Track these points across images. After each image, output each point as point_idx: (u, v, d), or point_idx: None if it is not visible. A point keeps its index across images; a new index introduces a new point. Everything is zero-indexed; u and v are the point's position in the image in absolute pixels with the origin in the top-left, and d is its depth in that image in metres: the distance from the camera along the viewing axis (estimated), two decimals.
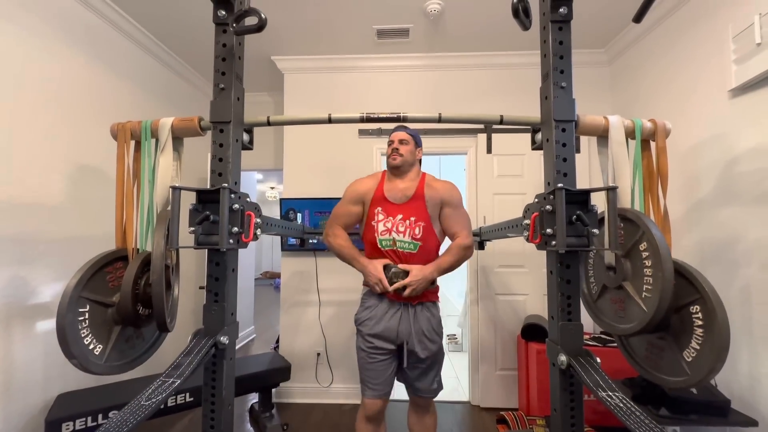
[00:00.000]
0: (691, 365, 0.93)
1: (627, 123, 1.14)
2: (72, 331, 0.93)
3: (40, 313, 1.71)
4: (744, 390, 1.64)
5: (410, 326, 1.48)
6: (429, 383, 1.55)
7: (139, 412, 0.77)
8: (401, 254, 1.49)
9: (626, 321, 1.01)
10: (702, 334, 0.92)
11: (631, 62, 2.45)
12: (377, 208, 1.54)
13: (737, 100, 1.69)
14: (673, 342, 0.97)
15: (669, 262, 0.90)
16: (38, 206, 1.71)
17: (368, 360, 1.51)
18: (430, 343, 1.50)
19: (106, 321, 1.03)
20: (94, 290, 1.01)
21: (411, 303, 1.50)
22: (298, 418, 2.45)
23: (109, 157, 2.10)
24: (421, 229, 1.50)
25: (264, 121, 1.22)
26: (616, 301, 1.06)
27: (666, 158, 1.13)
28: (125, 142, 1.16)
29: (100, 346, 1.00)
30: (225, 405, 1.06)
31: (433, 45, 2.62)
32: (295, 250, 2.74)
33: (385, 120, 1.22)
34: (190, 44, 2.56)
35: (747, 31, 1.59)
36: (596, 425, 2.02)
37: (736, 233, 1.68)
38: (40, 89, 1.74)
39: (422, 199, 1.52)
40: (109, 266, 1.06)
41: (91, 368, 0.96)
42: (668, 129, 1.16)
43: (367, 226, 1.56)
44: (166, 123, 1.15)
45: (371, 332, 1.49)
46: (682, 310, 0.96)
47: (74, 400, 1.72)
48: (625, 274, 1.02)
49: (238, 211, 1.07)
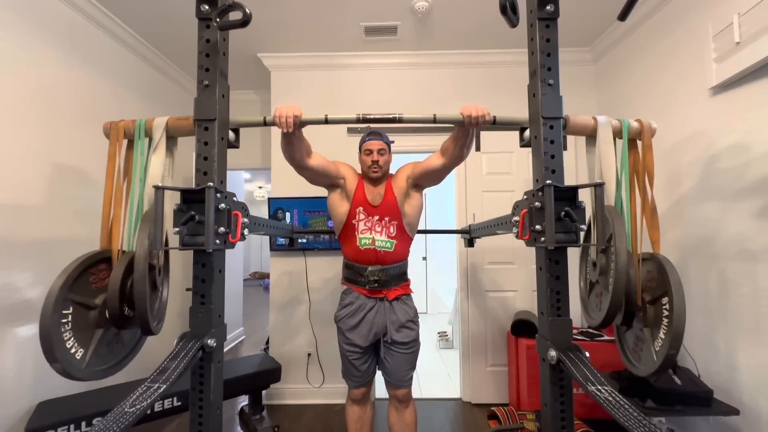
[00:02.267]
0: (658, 354, 0.97)
1: (614, 123, 1.17)
2: (56, 334, 0.90)
3: (17, 319, 1.65)
4: (725, 380, 1.68)
5: (386, 318, 1.57)
6: (406, 371, 1.60)
7: (123, 420, 0.74)
8: (379, 252, 1.55)
9: (600, 312, 1.05)
10: (667, 324, 0.96)
11: (616, 60, 2.49)
12: (359, 208, 1.58)
13: (718, 98, 1.73)
14: (650, 333, 1.02)
15: (623, 255, 0.94)
16: (14, 207, 1.65)
17: (349, 356, 1.60)
18: (407, 330, 1.59)
19: (89, 324, 1.00)
20: (79, 292, 0.98)
21: (387, 298, 1.58)
22: (289, 419, 2.43)
23: (89, 157, 2.06)
24: (395, 228, 1.58)
25: (260, 121, 1.19)
26: (598, 294, 1.10)
27: (652, 156, 1.16)
28: (117, 141, 1.13)
29: (81, 350, 0.97)
30: (213, 409, 1.04)
31: (422, 43, 2.61)
32: (284, 250, 2.70)
33: (381, 121, 1.20)
34: (174, 41, 2.50)
35: (726, 30, 1.62)
36: (584, 418, 2.05)
37: (716, 228, 1.72)
38: (15, 86, 1.67)
39: (392, 196, 1.58)
40: (93, 267, 1.03)
41: (73, 373, 0.93)
42: (653, 128, 1.19)
43: (346, 225, 1.60)
44: (161, 122, 1.13)
45: (350, 329, 1.58)
46: (656, 302, 1.00)
47: (55, 408, 1.67)
48: (601, 269, 1.07)
49: (224, 211, 1.04)
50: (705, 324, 1.78)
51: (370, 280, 1.55)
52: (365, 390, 1.66)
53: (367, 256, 1.56)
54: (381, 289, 1.58)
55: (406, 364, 1.61)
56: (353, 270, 1.61)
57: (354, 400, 1.66)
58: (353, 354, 1.59)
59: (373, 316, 1.57)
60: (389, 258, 1.57)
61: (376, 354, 1.64)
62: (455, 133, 1.37)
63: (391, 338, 1.56)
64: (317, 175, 1.53)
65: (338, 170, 1.58)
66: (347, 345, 1.60)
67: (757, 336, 1.55)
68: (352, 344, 1.58)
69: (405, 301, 1.63)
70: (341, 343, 1.63)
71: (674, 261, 1.96)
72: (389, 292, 1.58)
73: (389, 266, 1.57)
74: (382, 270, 1.55)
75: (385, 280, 1.56)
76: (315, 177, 1.55)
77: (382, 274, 1.56)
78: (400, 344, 1.57)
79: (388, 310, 1.58)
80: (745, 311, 1.60)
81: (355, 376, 1.62)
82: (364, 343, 1.57)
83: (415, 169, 1.58)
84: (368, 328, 1.57)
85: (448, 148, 1.45)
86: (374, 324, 1.57)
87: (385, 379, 1.64)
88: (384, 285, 1.57)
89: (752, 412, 1.56)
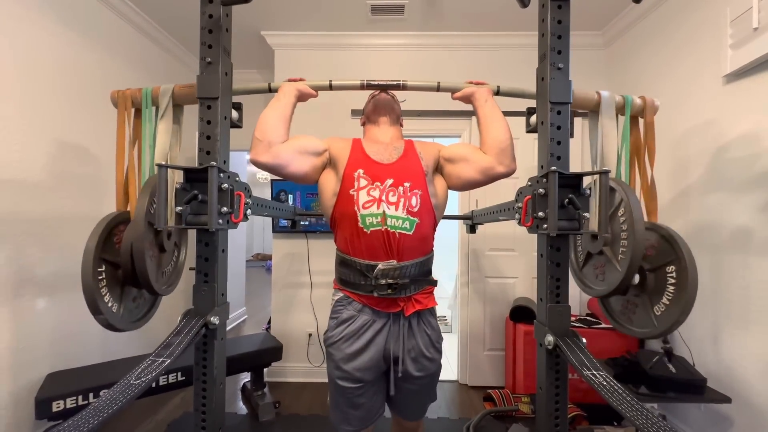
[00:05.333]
0: (659, 318, 1.01)
1: (618, 99, 1.17)
2: (96, 290, 0.97)
3: (25, 293, 1.68)
4: (721, 369, 1.71)
5: (402, 344, 1.09)
6: (421, 405, 1.23)
7: (129, 391, 0.77)
8: (393, 237, 1.04)
9: (605, 284, 1.07)
10: (673, 291, 0.99)
11: (628, 46, 2.43)
12: (357, 171, 1.08)
13: (731, 86, 1.69)
14: (647, 299, 1.05)
15: (641, 223, 0.97)
16: (19, 183, 1.66)
17: (346, 393, 1.09)
18: (428, 362, 1.13)
19: (118, 281, 1.05)
20: (107, 251, 1.03)
21: (404, 314, 1.09)
22: (290, 396, 2.50)
23: (92, 135, 2.05)
24: (418, 200, 1.07)
25: (264, 87, 1.21)
26: (597, 266, 1.12)
27: (653, 133, 1.17)
28: (126, 109, 1.14)
29: (116, 304, 1.03)
30: (216, 384, 1.07)
31: (429, 23, 2.55)
32: (287, 231, 2.72)
33: (385, 87, 1.22)
34: (179, 19, 2.45)
35: (745, 16, 1.57)
36: (577, 402, 2.10)
37: (722, 218, 1.71)
38: (14, 61, 1.65)
39: (416, 157, 1.13)
40: (115, 228, 1.07)
41: (114, 324, 1.00)
42: (656, 106, 1.19)
43: (340, 199, 1.08)
44: (167, 89, 1.12)
45: (347, 358, 1.08)
46: (658, 270, 1.03)
47: (64, 380, 1.72)
48: (605, 240, 1.07)
49: (227, 191, 1.04)
50: (702, 313, 1.79)
51: (381, 284, 1.04)
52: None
53: (372, 244, 1.05)
54: (396, 298, 1.08)
55: (425, 396, 1.21)
56: (352, 268, 1.09)
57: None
58: (352, 391, 1.09)
59: (383, 341, 1.08)
60: (408, 246, 1.06)
61: (386, 384, 1.15)
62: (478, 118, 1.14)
63: (406, 372, 1.10)
64: (297, 154, 1.08)
65: (319, 141, 1.14)
66: (343, 380, 1.08)
67: (752, 327, 1.56)
68: (351, 379, 1.08)
69: (427, 318, 1.15)
70: (333, 377, 1.12)
71: None
72: (407, 303, 1.09)
73: (408, 263, 1.06)
74: (398, 268, 1.05)
75: (402, 284, 1.06)
76: (294, 160, 1.08)
77: (398, 274, 1.05)
78: (414, 378, 1.12)
79: (405, 332, 1.10)
80: (743, 302, 1.60)
81: (355, 418, 1.11)
82: (369, 377, 1.09)
83: (442, 155, 1.17)
84: (376, 357, 1.08)
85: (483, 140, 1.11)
86: (385, 351, 1.09)
87: (392, 410, 1.25)
88: (400, 291, 1.06)
89: (744, 400, 1.59)
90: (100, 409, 0.72)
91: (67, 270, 1.89)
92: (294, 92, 1.15)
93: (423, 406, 1.24)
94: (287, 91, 1.15)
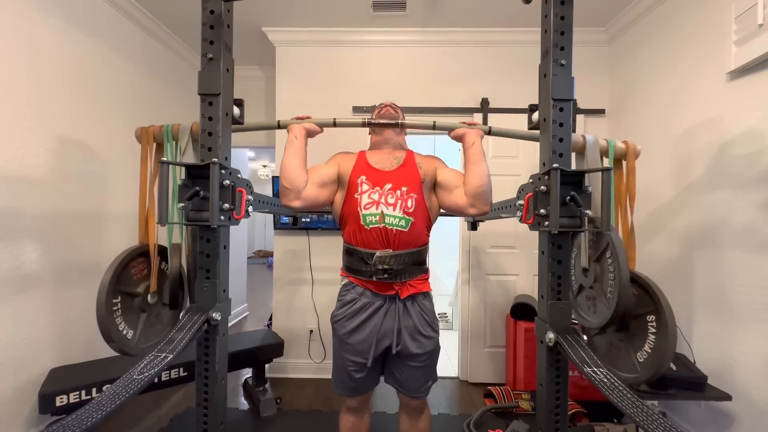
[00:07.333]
0: (642, 365, 1.06)
1: (602, 143, 1.23)
2: (110, 320, 1.07)
3: (28, 289, 1.69)
4: (721, 367, 1.71)
5: (399, 323, 1.27)
6: (423, 382, 1.35)
7: (132, 386, 0.77)
8: (390, 232, 1.23)
9: (596, 316, 1.12)
10: (654, 340, 1.05)
11: (631, 42, 2.41)
12: (360, 177, 1.27)
13: (735, 83, 1.67)
14: (630, 344, 1.10)
15: (625, 269, 1.02)
16: (21, 179, 1.66)
17: (347, 367, 1.30)
18: (425, 339, 1.29)
19: (135, 309, 1.16)
20: (124, 283, 1.14)
21: (399, 297, 1.27)
22: (291, 392, 2.51)
23: (94, 132, 2.05)
24: (413, 202, 1.25)
25: (274, 124, 1.34)
26: (590, 298, 1.17)
27: (634, 178, 1.23)
28: (148, 145, 1.23)
29: (131, 331, 1.14)
30: (218, 379, 1.07)
31: (430, 19, 2.53)
32: (288, 228, 2.72)
33: (385, 125, 1.34)
34: (182, 16, 2.44)
35: (750, 12, 1.56)
36: (578, 399, 2.10)
37: (725, 216, 1.70)
38: (18, 58, 1.65)
39: (414, 167, 1.30)
40: (133, 261, 1.18)
41: (126, 350, 1.10)
42: (638, 151, 1.24)
43: (347, 201, 1.28)
44: (185, 127, 1.21)
45: (349, 332, 1.28)
46: (639, 318, 1.08)
47: (67, 374, 1.73)
48: (595, 276, 1.13)
49: (228, 188, 1.05)
50: (703, 311, 1.79)
51: (378, 269, 1.22)
52: (363, 397, 1.38)
53: (372, 238, 1.24)
54: (392, 283, 1.26)
55: (423, 376, 1.33)
56: (356, 256, 1.28)
57: (349, 408, 1.39)
58: (352, 365, 1.29)
59: (380, 320, 1.26)
60: (403, 240, 1.24)
61: (380, 363, 1.35)
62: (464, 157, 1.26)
63: (404, 349, 1.26)
64: (319, 189, 1.25)
65: (329, 168, 1.31)
66: (345, 353, 1.30)
67: (753, 324, 1.56)
68: (351, 352, 1.28)
69: (421, 300, 1.31)
70: (336, 350, 1.34)
71: (677, 249, 1.96)
72: (402, 287, 1.27)
73: (403, 252, 1.25)
74: (394, 256, 1.23)
75: (397, 269, 1.24)
76: (319, 195, 1.26)
77: (394, 261, 1.23)
78: (414, 356, 1.28)
79: (401, 312, 1.27)
80: (745, 299, 1.60)
81: (351, 387, 1.33)
82: (363, 356, 1.27)
83: (438, 171, 1.33)
84: (372, 333, 1.26)
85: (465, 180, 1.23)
86: (381, 330, 1.26)
87: (396, 388, 1.38)
88: (396, 276, 1.24)
89: (744, 398, 1.59)
90: (103, 403, 0.72)
91: (70, 266, 1.89)
92: (304, 132, 1.27)
93: (425, 383, 1.36)
94: (298, 133, 1.26)
